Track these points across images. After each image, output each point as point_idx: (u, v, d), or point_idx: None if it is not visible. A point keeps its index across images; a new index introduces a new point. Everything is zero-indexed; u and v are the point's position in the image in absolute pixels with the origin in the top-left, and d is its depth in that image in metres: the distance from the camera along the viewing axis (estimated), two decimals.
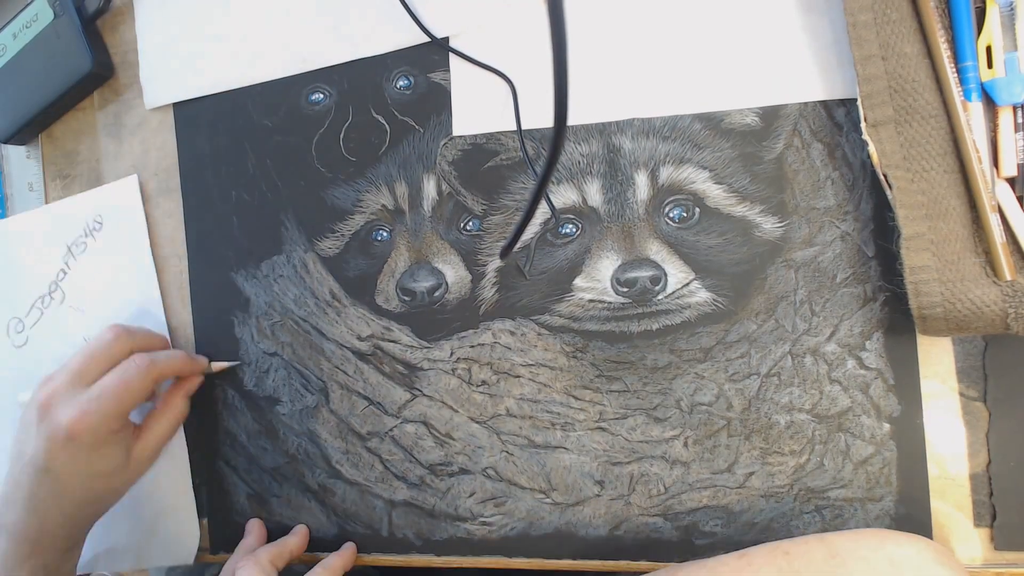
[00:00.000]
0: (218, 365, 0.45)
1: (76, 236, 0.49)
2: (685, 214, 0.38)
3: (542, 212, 0.40)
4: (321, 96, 0.44)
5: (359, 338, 0.43)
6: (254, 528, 0.45)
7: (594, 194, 0.39)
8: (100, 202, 0.49)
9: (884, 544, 0.31)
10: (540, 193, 0.24)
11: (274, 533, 0.45)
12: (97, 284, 0.49)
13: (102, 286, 0.49)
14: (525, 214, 0.25)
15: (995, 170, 0.32)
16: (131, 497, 0.45)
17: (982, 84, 0.31)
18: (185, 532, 0.47)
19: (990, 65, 0.31)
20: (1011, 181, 0.31)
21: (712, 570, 0.32)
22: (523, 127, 0.40)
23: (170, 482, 0.47)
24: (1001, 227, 0.31)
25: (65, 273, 0.50)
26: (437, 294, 0.42)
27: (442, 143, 0.42)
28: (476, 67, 0.41)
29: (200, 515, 0.47)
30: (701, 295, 0.38)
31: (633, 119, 0.38)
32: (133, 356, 0.40)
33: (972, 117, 0.31)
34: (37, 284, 0.50)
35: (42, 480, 0.38)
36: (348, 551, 0.43)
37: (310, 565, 0.42)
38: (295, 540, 0.43)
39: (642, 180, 0.38)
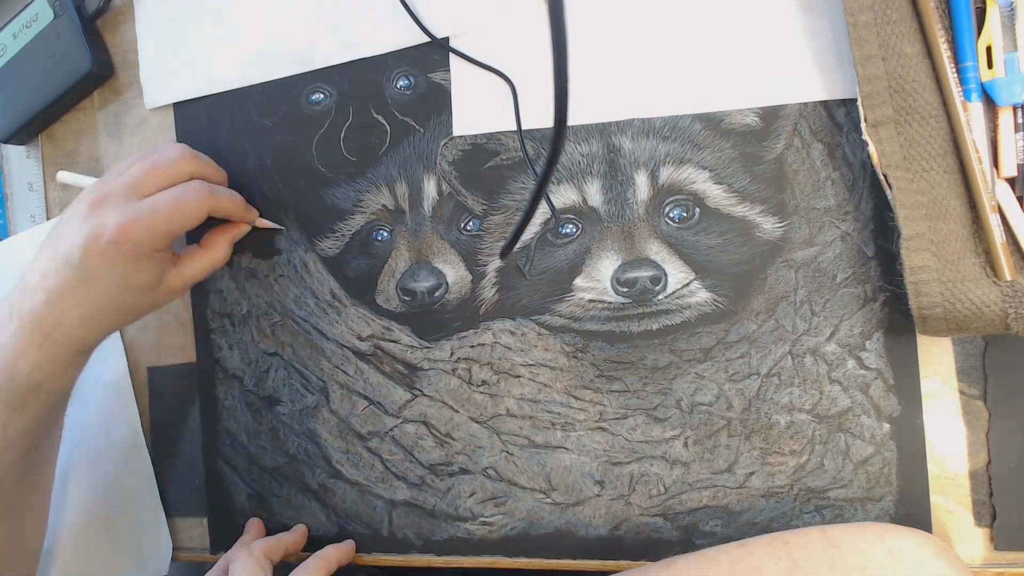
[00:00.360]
0: (263, 222, 0.44)
1: None
2: (685, 214, 0.38)
3: (542, 212, 0.40)
4: (321, 96, 0.44)
5: (359, 338, 0.43)
6: (253, 527, 0.45)
7: (594, 194, 0.39)
8: None
9: (884, 537, 0.31)
10: (540, 193, 0.24)
11: (274, 533, 0.45)
12: None
13: None
14: (525, 214, 0.25)
15: (995, 170, 0.32)
16: (100, 514, 0.45)
17: (982, 84, 0.31)
18: (157, 543, 0.47)
19: (990, 65, 0.31)
20: (1011, 181, 0.31)
21: (711, 559, 0.32)
22: (523, 127, 0.40)
23: (137, 495, 0.47)
24: (1001, 227, 0.31)
25: None
26: (437, 294, 0.42)
27: (442, 143, 0.42)
28: (476, 67, 0.41)
29: (200, 515, 0.47)
30: (701, 295, 0.38)
31: (633, 119, 0.38)
32: (194, 182, 0.39)
33: (972, 117, 0.31)
34: None
35: (72, 276, 0.36)
36: (346, 546, 0.42)
37: None
38: (292, 536, 0.43)
39: (642, 180, 0.38)
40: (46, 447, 0.41)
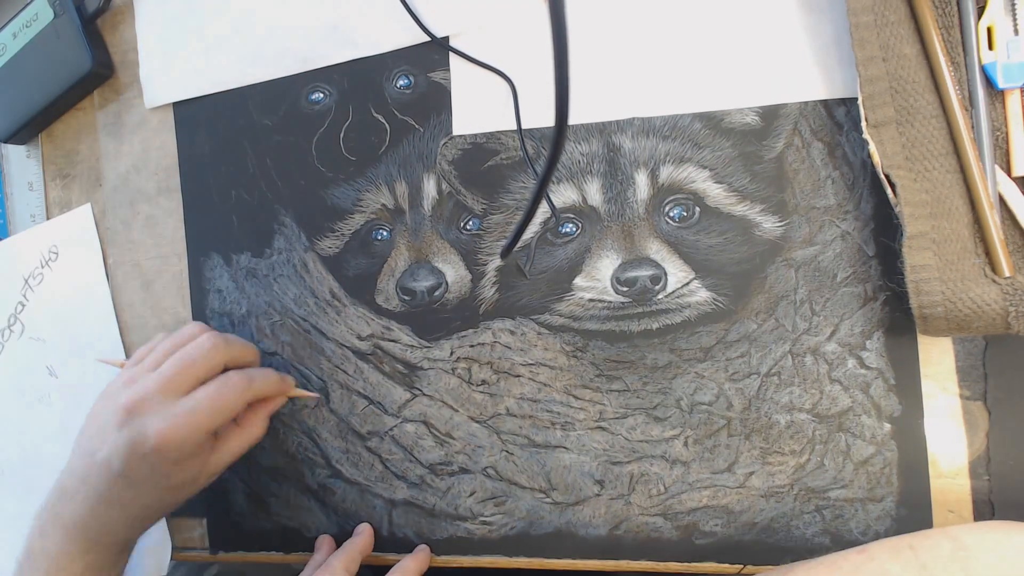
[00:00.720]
0: (298, 392, 0.43)
1: (33, 268, 0.50)
2: (685, 213, 0.38)
3: (542, 211, 0.40)
4: (321, 95, 0.44)
5: (359, 337, 0.43)
6: (323, 544, 0.43)
7: (594, 193, 0.39)
8: (55, 233, 0.50)
9: (1011, 535, 0.30)
10: (541, 192, 0.24)
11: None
12: (55, 313, 0.50)
13: (60, 315, 0.50)
14: (526, 213, 0.25)
15: (1006, 166, 0.32)
16: None
17: (982, 67, 0.31)
18: (156, 542, 0.47)
19: (991, 47, 0.31)
20: (1020, 181, 0.31)
21: (832, 564, 0.31)
22: (523, 126, 0.40)
23: None
24: (1000, 225, 0.31)
25: (23, 305, 0.50)
26: (437, 293, 0.42)
27: (442, 142, 0.42)
28: (476, 67, 0.41)
29: (199, 515, 0.47)
30: (701, 294, 0.37)
31: (633, 118, 0.38)
32: (230, 374, 0.39)
33: (982, 110, 0.31)
34: None
35: (115, 483, 0.36)
36: (423, 554, 0.41)
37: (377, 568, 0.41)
38: (361, 540, 0.42)
39: (642, 179, 0.38)
40: None
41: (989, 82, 0.32)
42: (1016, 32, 0.31)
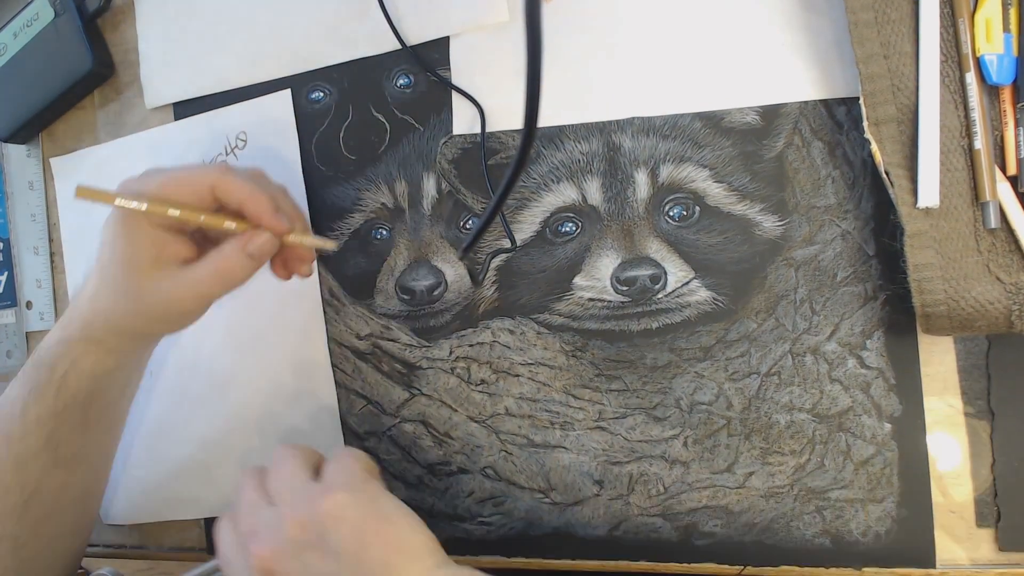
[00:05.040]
0: (299, 239, 0.36)
1: (215, 155, 0.46)
2: (685, 212, 0.38)
3: (542, 211, 0.40)
4: (321, 94, 0.44)
5: (358, 337, 0.43)
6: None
7: (594, 192, 0.39)
8: (246, 118, 0.46)
9: None
10: (500, 205, 0.24)
11: None
12: None
13: None
14: (484, 220, 0.25)
15: (1002, 164, 0.31)
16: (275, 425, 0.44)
17: (977, 59, 0.31)
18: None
19: (988, 40, 0.31)
20: (1013, 180, 0.31)
21: None
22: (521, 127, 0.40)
23: (312, 402, 0.44)
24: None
25: None
26: (436, 293, 0.41)
27: (442, 142, 0.41)
28: (475, 66, 0.41)
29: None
30: (701, 294, 0.37)
31: (633, 117, 0.38)
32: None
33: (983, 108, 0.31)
34: None
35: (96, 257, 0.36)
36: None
37: None
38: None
39: (642, 178, 0.38)
40: (77, 448, 0.38)
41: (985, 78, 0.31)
42: (1010, 29, 0.31)
